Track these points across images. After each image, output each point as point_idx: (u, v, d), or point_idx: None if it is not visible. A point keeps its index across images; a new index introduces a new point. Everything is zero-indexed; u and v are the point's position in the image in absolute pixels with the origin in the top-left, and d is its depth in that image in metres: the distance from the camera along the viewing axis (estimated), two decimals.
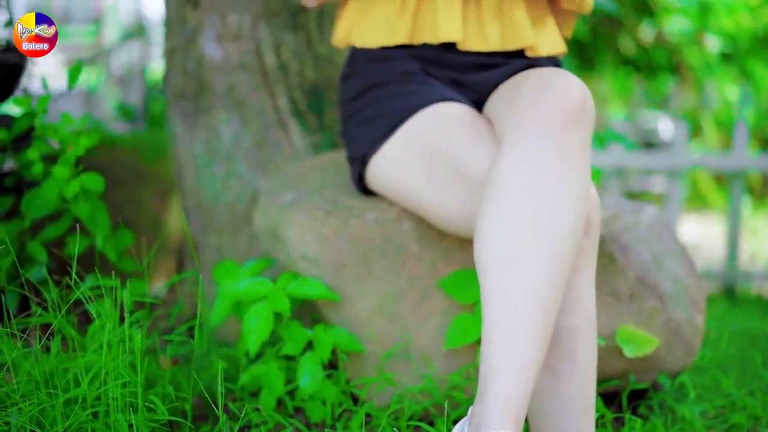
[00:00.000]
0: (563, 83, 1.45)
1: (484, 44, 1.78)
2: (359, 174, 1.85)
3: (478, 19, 1.79)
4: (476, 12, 1.79)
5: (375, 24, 1.83)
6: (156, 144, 3.31)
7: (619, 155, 4.70)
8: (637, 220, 1.90)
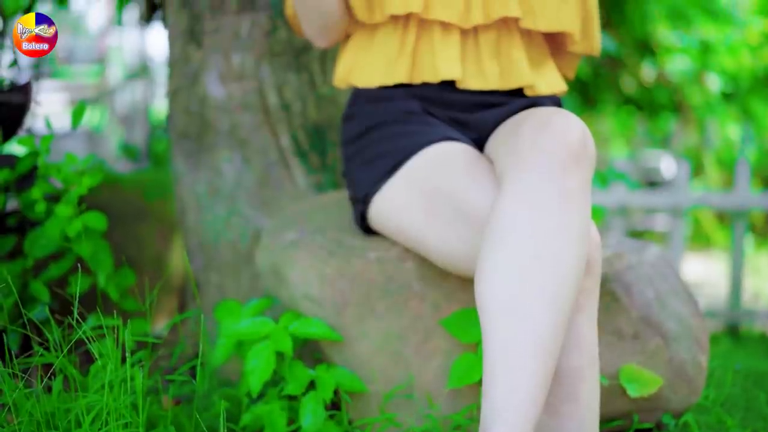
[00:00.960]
0: (563, 123, 1.46)
1: (483, 83, 1.79)
2: (361, 214, 1.85)
3: (476, 58, 1.80)
4: (474, 51, 1.81)
5: (374, 64, 1.84)
6: (159, 183, 3.32)
7: (621, 194, 4.70)
8: (639, 259, 1.90)
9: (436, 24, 1.79)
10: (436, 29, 1.79)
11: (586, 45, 1.94)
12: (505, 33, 1.81)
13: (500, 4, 1.76)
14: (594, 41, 1.94)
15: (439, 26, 1.79)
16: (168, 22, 2.50)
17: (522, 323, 1.37)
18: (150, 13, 6.89)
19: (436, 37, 1.79)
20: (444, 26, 1.79)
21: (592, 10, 1.91)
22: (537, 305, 1.37)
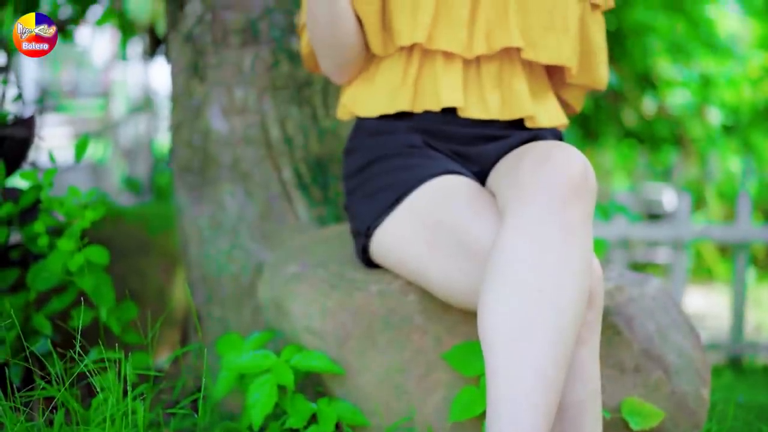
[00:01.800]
0: (564, 157, 1.47)
1: (485, 112, 1.80)
2: (363, 247, 1.85)
3: (478, 88, 1.82)
4: (476, 81, 1.82)
5: (378, 93, 1.86)
6: (162, 216, 3.32)
7: (623, 227, 4.70)
8: (641, 292, 1.90)
9: (439, 54, 1.81)
10: (438, 59, 1.81)
11: (588, 78, 1.96)
12: (507, 64, 1.83)
13: (503, 34, 1.79)
14: (597, 75, 1.96)
15: (441, 56, 1.81)
16: (171, 57, 2.52)
17: (525, 356, 1.37)
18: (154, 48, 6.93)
19: (438, 66, 1.81)
20: (447, 56, 1.81)
21: (595, 44, 1.93)
22: (539, 338, 1.37)
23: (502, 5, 1.80)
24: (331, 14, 1.76)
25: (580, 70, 1.94)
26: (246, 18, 2.37)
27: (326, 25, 1.79)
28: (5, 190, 2.19)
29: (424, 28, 1.78)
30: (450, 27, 1.79)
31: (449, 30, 1.79)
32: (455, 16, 1.79)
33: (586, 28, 1.91)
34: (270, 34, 2.37)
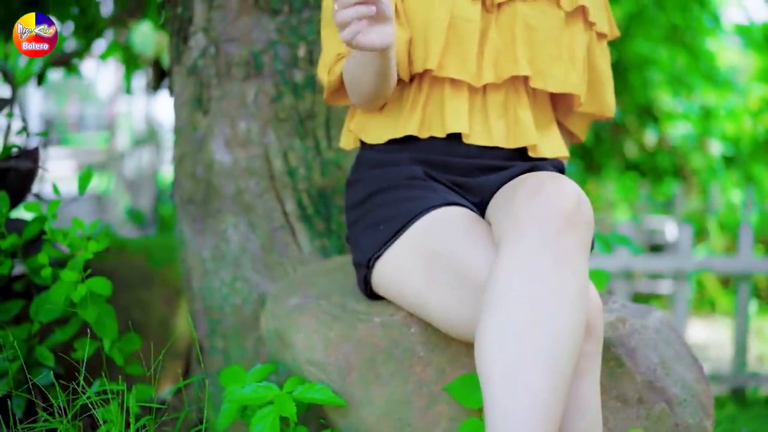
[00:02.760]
0: (557, 187, 1.48)
1: (489, 140, 1.82)
2: (365, 278, 1.86)
3: (483, 116, 1.84)
4: (482, 109, 1.84)
5: (386, 119, 1.88)
6: (165, 248, 3.33)
7: (625, 258, 4.70)
8: (644, 324, 1.90)
9: (447, 81, 1.83)
10: (446, 86, 1.83)
11: (596, 107, 1.99)
12: (512, 92, 1.85)
13: (511, 63, 1.81)
14: (605, 103, 2.00)
15: (449, 83, 1.83)
16: (175, 89, 2.54)
17: (521, 389, 1.37)
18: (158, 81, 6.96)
19: (446, 93, 1.83)
20: (454, 83, 1.83)
21: (602, 73, 1.97)
22: (535, 370, 1.37)
23: (509, 35, 1.82)
24: (379, 72, 1.75)
25: (588, 99, 1.97)
26: (249, 51, 2.39)
27: (372, 82, 1.78)
28: (9, 222, 2.20)
29: (435, 55, 1.80)
30: (460, 56, 1.81)
31: (459, 59, 1.81)
32: (465, 45, 1.81)
33: (593, 57, 1.94)
34: (273, 67, 2.39)
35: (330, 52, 1.91)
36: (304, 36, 2.40)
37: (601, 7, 1.95)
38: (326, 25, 1.93)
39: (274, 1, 2.39)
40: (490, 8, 1.84)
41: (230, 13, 2.40)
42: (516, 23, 1.82)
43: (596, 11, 1.92)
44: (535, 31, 1.83)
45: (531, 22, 1.83)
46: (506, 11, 1.84)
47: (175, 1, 2.50)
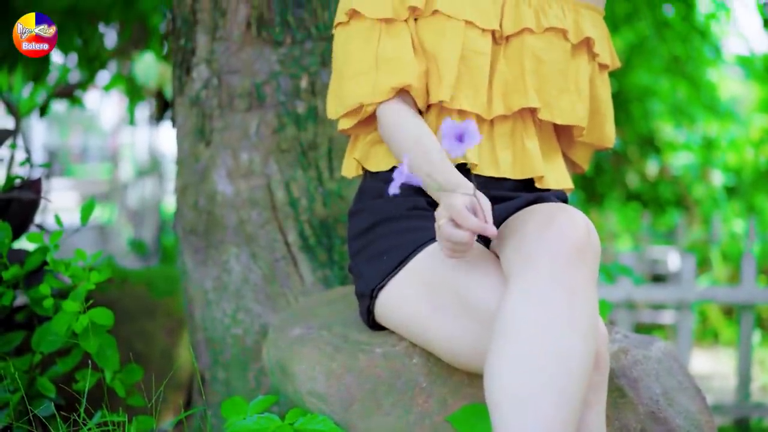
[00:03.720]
0: (567, 220, 1.49)
1: (496, 170, 1.83)
2: (367, 308, 1.86)
3: (490, 147, 1.85)
4: (489, 140, 1.85)
5: (389, 149, 1.88)
6: (167, 279, 3.33)
7: (627, 288, 4.70)
8: (646, 354, 1.90)
9: (455, 112, 1.84)
10: (454, 116, 1.84)
11: (596, 137, 2.00)
12: (519, 123, 1.86)
13: (520, 95, 1.82)
14: (604, 134, 2.01)
15: (456, 113, 1.84)
16: (177, 121, 2.55)
17: (531, 418, 1.37)
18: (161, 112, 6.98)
19: None
20: (462, 113, 1.84)
21: (603, 104, 1.99)
22: (546, 400, 1.37)
23: (518, 67, 1.84)
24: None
25: (590, 129, 1.98)
26: (251, 82, 2.40)
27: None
28: (11, 253, 2.20)
29: (448, 87, 1.80)
30: (471, 88, 1.82)
31: (471, 90, 1.82)
32: (476, 77, 1.82)
33: (595, 88, 1.96)
34: (275, 98, 2.40)
35: (352, 96, 1.86)
36: (306, 67, 2.42)
37: (603, 37, 1.96)
38: (347, 69, 1.88)
39: (276, 32, 2.40)
40: (499, 40, 1.86)
41: (233, 44, 2.42)
42: (525, 55, 1.84)
43: (599, 42, 1.93)
44: (544, 63, 1.84)
45: (540, 54, 1.84)
46: (514, 43, 1.85)
47: (178, 33, 2.52)
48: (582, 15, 1.91)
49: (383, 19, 1.83)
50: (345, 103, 1.86)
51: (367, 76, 1.82)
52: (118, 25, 4.90)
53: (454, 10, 1.82)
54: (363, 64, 1.83)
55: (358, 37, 1.85)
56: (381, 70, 1.81)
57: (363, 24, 1.84)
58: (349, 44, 1.86)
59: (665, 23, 6.69)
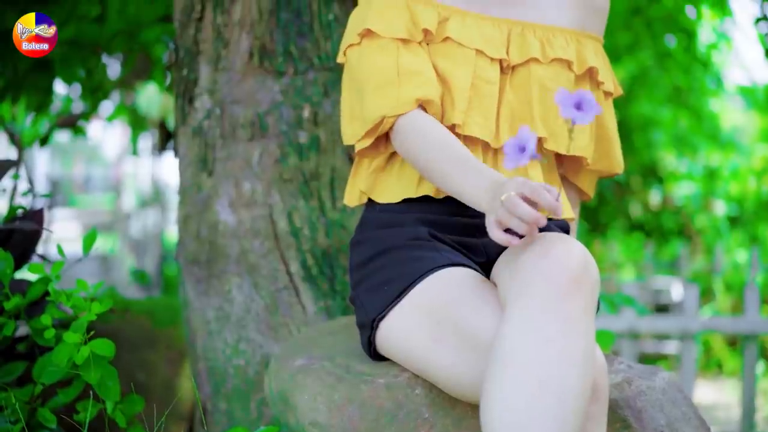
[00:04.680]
0: (564, 249, 1.48)
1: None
2: (369, 339, 1.85)
3: None
4: (494, 168, 1.85)
5: (397, 179, 1.88)
6: (169, 309, 3.33)
7: (631, 319, 4.69)
8: (650, 385, 1.89)
9: (461, 139, 1.84)
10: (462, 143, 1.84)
11: (605, 164, 2.01)
12: None
13: (527, 124, 1.83)
14: (614, 160, 2.02)
15: (463, 141, 1.84)
16: (180, 151, 2.56)
17: None
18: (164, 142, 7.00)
19: None
20: (468, 141, 1.84)
21: (610, 131, 2.00)
22: (542, 430, 1.36)
23: (525, 96, 1.85)
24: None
25: (597, 156, 1.99)
26: (254, 112, 2.41)
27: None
28: (13, 283, 2.20)
29: (461, 112, 1.81)
30: (481, 115, 1.83)
31: (481, 118, 1.83)
32: (486, 105, 1.83)
33: (601, 116, 1.96)
34: (278, 128, 2.41)
35: (375, 109, 1.82)
36: (308, 97, 2.43)
37: (605, 65, 1.97)
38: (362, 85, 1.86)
39: (278, 63, 2.42)
40: (505, 69, 1.87)
41: (235, 75, 2.43)
42: (532, 85, 1.85)
43: (602, 71, 1.94)
44: (550, 93, 1.85)
45: (546, 84, 1.85)
46: (521, 73, 1.86)
47: (180, 64, 2.53)
48: (584, 44, 1.93)
49: (399, 38, 1.83)
50: (368, 119, 1.82)
51: (390, 88, 1.80)
52: (121, 56, 4.92)
53: (465, 39, 1.83)
54: (384, 77, 1.81)
55: (375, 52, 1.83)
56: (404, 82, 1.79)
57: (378, 42, 1.83)
58: (365, 61, 1.84)
59: (667, 53, 6.73)
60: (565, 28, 1.92)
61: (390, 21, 1.83)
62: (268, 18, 2.43)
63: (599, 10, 1.98)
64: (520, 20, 1.90)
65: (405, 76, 1.80)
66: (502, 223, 1.53)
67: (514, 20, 1.89)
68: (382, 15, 1.84)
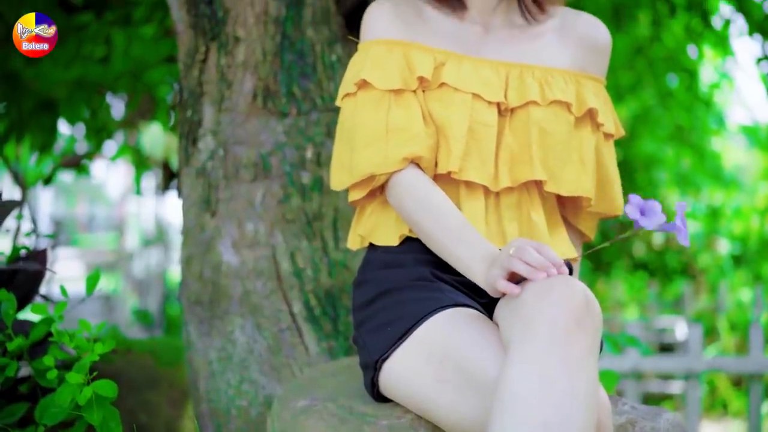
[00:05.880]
0: (565, 289, 1.48)
1: (503, 243, 1.83)
2: (372, 380, 1.85)
3: (497, 219, 1.85)
4: (495, 212, 1.85)
5: (396, 222, 1.88)
6: (171, 349, 3.32)
7: (635, 359, 4.67)
8: (654, 426, 1.88)
9: (462, 183, 1.84)
10: (461, 187, 1.85)
11: (605, 206, 2.01)
12: (525, 195, 1.87)
13: (526, 167, 1.84)
14: (614, 202, 2.02)
15: (464, 184, 1.84)
16: (183, 191, 2.56)
17: None
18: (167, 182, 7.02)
19: (461, 195, 1.85)
20: (469, 185, 1.85)
21: (610, 173, 1.99)
22: None
23: (524, 139, 1.85)
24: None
25: (598, 198, 1.99)
26: (257, 153, 2.42)
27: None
28: (16, 324, 2.20)
29: (457, 159, 1.82)
30: (479, 159, 1.83)
31: (478, 162, 1.83)
32: (483, 149, 1.83)
33: (601, 156, 1.97)
34: (281, 169, 2.42)
35: (364, 166, 1.85)
36: (311, 138, 2.44)
37: (606, 106, 1.98)
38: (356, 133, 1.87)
39: (282, 104, 2.43)
40: (504, 112, 1.87)
41: (239, 116, 2.44)
42: (531, 127, 1.85)
43: (603, 112, 1.94)
44: (549, 135, 1.85)
45: (545, 126, 1.85)
46: (520, 115, 1.87)
47: (184, 105, 2.55)
48: (584, 85, 1.93)
49: (393, 90, 1.85)
50: (356, 174, 1.85)
51: (378, 145, 1.83)
52: (125, 96, 4.95)
53: (462, 83, 1.84)
54: (373, 134, 1.83)
55: (368, 107, 1.85)
56: (392, 139, 1.82)
57: (372, 94, 1.85)
58: (358, 115, 1.87)
59: (669, 93, 6.76)
60: (564, 69, 1.92)
61: (385, 71, 1.85)
62: (271, 59, 2.44)
63: (600, 51, 1.98)
64: (518, 62, 1.91)
65: (393, 133, 1.82)
66: (507, 270, 1.55)
67: (512, 62, 1.90)
68: (378, 64, 1.86)
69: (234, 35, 2.45)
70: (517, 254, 1.55)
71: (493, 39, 1.93)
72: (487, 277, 1.63)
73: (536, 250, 1.56)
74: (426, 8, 1.95)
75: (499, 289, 1.57)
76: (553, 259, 1.55)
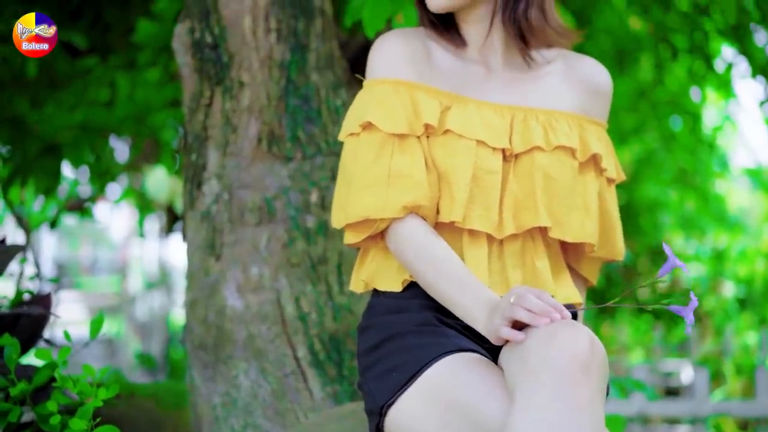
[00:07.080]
0: (570, 335, 1.48)
1: (507, 290, 1.81)
2: (378, 426, 1.83)
3: (501, 266, 1.84)
4: (499, 259, 1.84)
5: (399, 268, 1.87)
6: (175, 393, 3.30)
7: (641, 403, 4.64)
8: None
9: (465, 231, 1.84)
10: (465, 236, 1.84)
11: (607, 251, 2.00)
12: (529, 242, 1.87)
13: (531, 214, 1.83)
14: (615, 248, 2.01)
15: (467, 233, 1.84)
16: (188, 235, 2.56)
17: None
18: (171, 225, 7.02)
19: (464, 242, 1.84)
20: (472, 233, 1.84)
21: (612, 218, 1.99)
22: None
23: (528, 185, 1.84)
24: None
25: (601, 244, 1.98)
26: (262, 197, 2.42)
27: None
28: (19, 368, 2.19)
29: (460, 207, 1.80)
30: (483, 207, 1.82)
31: (482, 210, 1.82)
32: (488, 196, 1.82)
33: (604, 202, 1.96)
34: (285, 213, 2.42)
35: (359, 208, 1.83)
36: (316, 182, 2.44)
37: (608, 151, 1.97)
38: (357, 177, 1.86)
39: (287, 148, 2.44)
40: (508, 158, 1.86)
41: (244, 160, 2.45)
42: (535, 173, 1.84)
43: (606, 157, 1.94)
44: (554, 181, 1.84)
45: (550, 172, 1.85)
46: (524, 161, 1.86)
47: (189, 149, 2.55)
48: (587, 130, 1.93)
49: (397, 134, 1.84)
50: (350, 215, 1.84)
51: (378, 189, 1.81)
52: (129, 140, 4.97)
53: (466, 130, 1.83)
54: (374, 177, 1.82)
55: (371, 149, 1.84)
56: (393, 185, 1.80)
57: (376, 136, 1.84)
58: (360, 156, 1.85)
59: (672, 136, 6.77)
60: (568, 112, 1.92)
61: (391, 113, 1.84)
62: (276, 104, 2.45)
63: (602, 95, 1.99)
64: (522, 105, 1.90)
65: (395, 179, 1.80)
66: (509, 319, 1.55)
67: (516, 106, 1.90)
68: (384, 105, 1.85)
69: (239, 80, 2.47)
70: (518, 302, 1.55)
71: (496, 80, 1.92)
72: (490, 326, 1.63)
73: (537, 297, 1.55)
74: (431, 44, 1.94)
75: (503, 337, 1.56)
76: (555, 305, 1.54)
